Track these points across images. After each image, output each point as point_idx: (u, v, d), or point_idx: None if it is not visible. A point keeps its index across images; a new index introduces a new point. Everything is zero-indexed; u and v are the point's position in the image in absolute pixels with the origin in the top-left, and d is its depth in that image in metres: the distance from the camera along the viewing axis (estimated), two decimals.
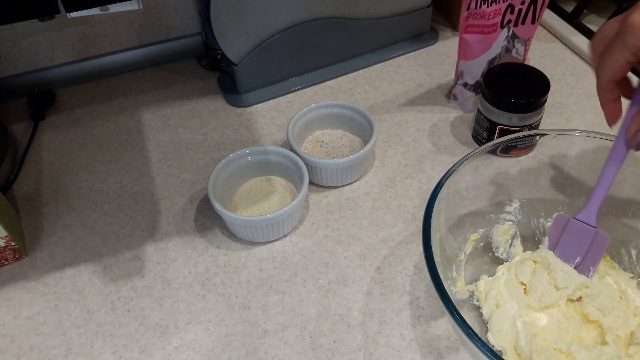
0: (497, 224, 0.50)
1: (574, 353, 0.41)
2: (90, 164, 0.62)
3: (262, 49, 0.66)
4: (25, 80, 0.70)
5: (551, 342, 0.42)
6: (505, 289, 0.46)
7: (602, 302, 0.44)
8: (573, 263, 0.46)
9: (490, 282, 0.47)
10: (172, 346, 0.46)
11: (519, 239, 0.50)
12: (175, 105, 0.69)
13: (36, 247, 0.54)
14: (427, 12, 0.75)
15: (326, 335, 0.46)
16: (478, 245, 0.49)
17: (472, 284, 0.47)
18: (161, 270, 0.51)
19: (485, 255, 0.49)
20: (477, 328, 0.44)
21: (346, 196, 0.57)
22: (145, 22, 0.73)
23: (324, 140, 0.61)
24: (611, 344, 0.42)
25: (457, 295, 0.45)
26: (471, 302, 0.46)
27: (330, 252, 0.52)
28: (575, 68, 0.72)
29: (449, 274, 0.45)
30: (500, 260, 0.49)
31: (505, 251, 0.50)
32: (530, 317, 0.44)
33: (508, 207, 0.50)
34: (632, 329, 0.43)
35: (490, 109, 0.57)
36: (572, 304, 0.45)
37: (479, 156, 0.46)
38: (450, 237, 0.47)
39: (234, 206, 0.55)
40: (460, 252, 0.48)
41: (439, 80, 0.71)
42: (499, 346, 0.43)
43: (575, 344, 0.42)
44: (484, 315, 0.45)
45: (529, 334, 0.43)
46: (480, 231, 0.49)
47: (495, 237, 0.50)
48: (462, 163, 0.45)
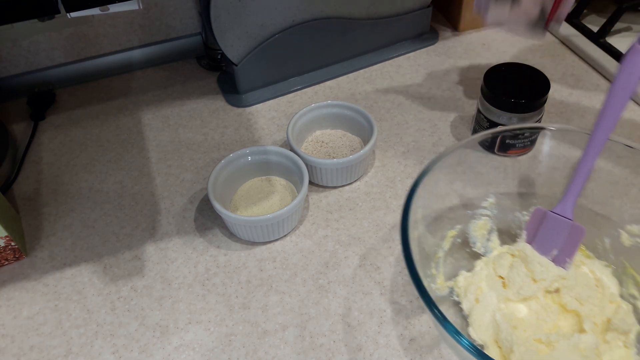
0: (473, 220, 0.51)
1: (553, 342, 0.42)
2: (90, 164, 0.62)
3: (262, 49, 0.66)
4: (25, 80, 0.70)
5: (531, 333, 0.43)
6: (484, 283, 0.47)
7: (578, 292, 0.45)
8: (550, 255, 0.47)
9: (469, 277, 0.47)
10: (172, 346, 0.46)
11: (495, 234, 0.51)
12: (175, 105, 0.69)
13: (36, 247, 0.54)
14: (427, 12, 0.75)
15: (326, 335, 0.46)
16: (456, 241, 0.50)
17: (452, 279, 0.48)
18: (161, 270, 0.51)
19: (464, 251, 0.50)
20: (458, 323, 0.45)
21: (346, 196, 0.57)
22: (145, 22, 0.73)
23: (324, 140, 0.61)
24: (589, 331, 0.43)
25: (437, 292, 0.46)
26: (451, 298, 0.47)
27: (330, 252, 0.52)
28: (575, 68, 0.72)
29: (428, 271, 0.45)
30: (478, 255, 0.50)
31: (483, 246, 0.50)
32: (510, 310, 0.45)
33: (484, 202, 0.51)
34: (608, 316, 0.44)
35: (490, 109, 0.57)
36: (550, 295, 0.46)
37: (453, 154, 0.47)
38: (428, 235, 0.47)
39: (234, 206, 0.55)
40: (438, 248, 0.48)
41: (439, 80, 0.71)
42: (480, 340, 0.43)
43: (554, 333, 0.43)
44: (464, 310, 0.46)
45: (509, 326, 0.43)
46: (457, 227, 0.50)
47: (472, 232, 0.51)
48: (438, 162, 0.45)
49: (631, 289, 0.46)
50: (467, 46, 0.77)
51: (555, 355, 0.41)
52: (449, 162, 0.47)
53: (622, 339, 0.42)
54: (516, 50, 0.76)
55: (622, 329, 0.43)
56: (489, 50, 0.76)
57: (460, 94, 0.69)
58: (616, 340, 0.42)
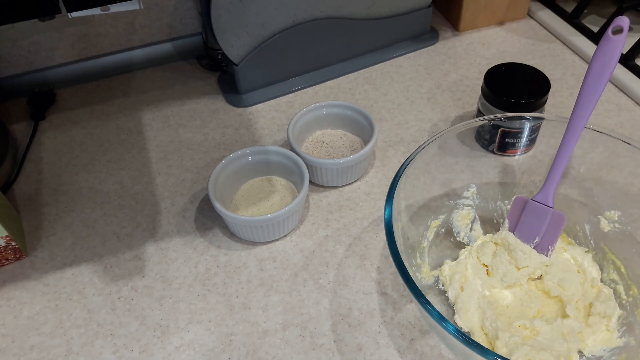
0: (456, 210, 0.52)
1: (537, 328, 0.43)
2: (90, 164, 0.62)
3: (263, 49, 0.66)
4: (25, 80, 0.70)
5: (515, 320, 0.44)
6: (469, 272, 0.48)
7: (561, 278, 0.46)
8: (532, 243, 0.48)
9: (454, 266, 0.48)
10: (173, 346, 0.46)
11: (478, 223, 0.52)
12: (175, 105, 0.69)
13: (36, 247, 0.54)
14: (427, 12, 0.75)
15: (326, 335, 0.46)
16: (440, 231, 0.51)
17: (437, 269, 0.48)
18: (161, 270, 0.51)
19: (448, 241, 0.51)
20: (444, 312, 0.46)
21: (346, 196, 0.57)
22: (146, 22, 0.73)
23: (324, 140, 0.61)
24: (572, 316, 0.44)
25: (422, 282, 0.47)
26: (437, 287, 0.47)
27: (331, 252, 0.52)
28: (575, 68, 0.72)
29: (413, 261, 0.46)
30: (462, 245, 0.51)
31: (467, 235, 0.51)
32: (494, 297, 0.46)
33: (466, 192, 0.52)
34: (590, 301, 0.45)
35: (490, 109, 0.57)
36: (533, 282, 0.47)
37: (434, 145, 0.48)
38: (412, 226, 0.48)
39: (234, 206, 0.55)
40: (423, 239, 0.49)
41: (439, 80, 0.71)
42: (466, 327, 0.44)
43: (537, 319, 0.44)
44: (450, 298, 0.46)
45: (494, 313, 0.44)
46: (440, 217, 0.51)
47: (455, 222, 0.51)
48: (418, 153, 0.46)
49: (612, 274, 0.47)
50: (467, 46, 0.77)
51: (540, 340, 0.42)
52: (431, 153, 0.48)
53: (605, 323, 0.44)
54: (516, 50, 0.76)
55: (604, 313, 0.44)
56: (489, 50, 0.76)
57: (460, 94, 0.69)
58: (599, 324, 0.43)
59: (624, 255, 0.47)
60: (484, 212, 0.52)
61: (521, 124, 0.57)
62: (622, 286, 0.46)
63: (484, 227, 0.51)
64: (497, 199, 0.52)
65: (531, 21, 0.81)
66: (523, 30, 0.79)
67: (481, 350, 0.34)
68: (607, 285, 0.46)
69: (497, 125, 0.58)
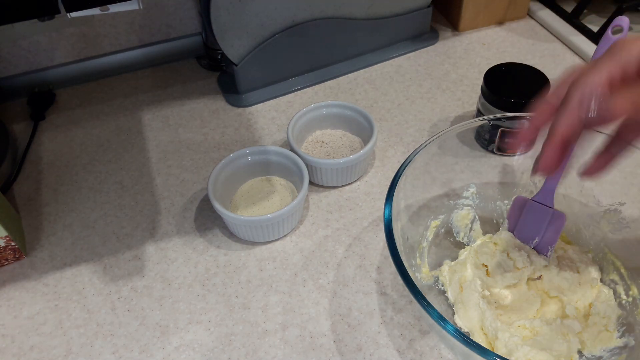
0: (456, 210, 0.52)
1: (536, 328, 0.43)
2: (90, 164, 0.62)
3: (262, 49, 0.66)
4: (25, 80, 0.70)
5: (515, 320, 0.44)
6: (469, 272, 0.48)
7: (560, 278, 0.46)
8: (532, 243, 0.48)
9: (454, 266, 0.48)
10: (172, 346, 0.46)
11: (478, 223, 0.51)
12: (175, 105, 0.69)
13: (36, 247, 0.54)
14: (427, 12, 0.75)
15: (326, 335, 0.46)
16: (439, 231, 0.51)
17: (436, 269, 0.48)
18: (161, 270, 0.51)
19: (447, 241, 0.51)
20: (444, 312, 0.46)
21: (346, 196, 0.57)
22: (145, 22, 0.73)
23: (324, 140, 0.61)
24: (571, 316, 0.44)
25: (422, 282, 0.47)
26: (437, 287, 0.47)
27: (330, 252, 0.52)
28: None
29: (413, 261, 0.46)
30: (461, 245, 0.51)
31: (466, 235, 0.51)
32: (494, 297, 0.46)
33: (465, 192, 0.52)
34: (589, 301, 0.45)
35: (490, 109, 0.57)
36: (533, 282, 0.47)
37: (433, 145, 0.47)
38: (412, 226, 0.48)
39: (234, 206, 0.55)
40: (422, 239, 0.49)
41: (439, 80, 0.71)
42: (466, 327, 0.44)
43: (537, 319, 0.44)
44: (449, 298, 0.46)
45: (494, 313, 0.44)
46: (440, 217, 0.51)
47: (455, 222, 0.51)
48: (417, 153, 0.46)
49: (611, 274, 0.47)
50: (467, 46, 0.77)
51: (539, 340, 0.42)
52: (430, 153, 0.48)
53: (604, 323, 0.43)
54: (516, 50, 0.76)
55: (603, 313, 0.44)
56: (489, 50, 0.76)
57: (460, 94, 0.69)
58: (598, 324, 0.43)
59: (623, 255, 0.47)
60: (484, 212, 0.52)
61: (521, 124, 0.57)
62: (622, 286, 0.46)
63: (484, 227, 0.51)
64: (497, 199, 0.52)
65: (531, 21, 0.81)
66: (523, 30, 0.79)
67: (481, 350, 0.34)
68: (607, 286, 0.46)
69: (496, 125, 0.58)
